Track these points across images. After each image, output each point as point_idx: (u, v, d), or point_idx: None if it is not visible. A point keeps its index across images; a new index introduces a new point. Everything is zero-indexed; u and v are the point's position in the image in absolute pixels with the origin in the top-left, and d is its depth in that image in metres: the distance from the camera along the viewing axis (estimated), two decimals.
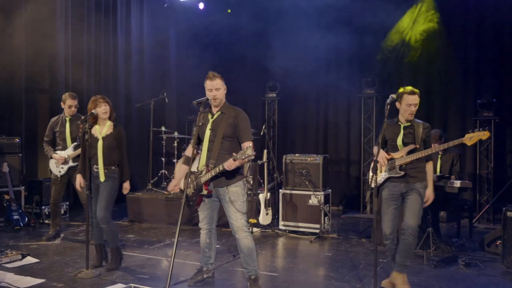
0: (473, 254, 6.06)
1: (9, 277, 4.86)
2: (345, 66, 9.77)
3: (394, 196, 4.81)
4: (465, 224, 7.32)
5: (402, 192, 4.80)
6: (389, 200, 4.83)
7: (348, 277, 5.19)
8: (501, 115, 8.30)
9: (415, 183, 4.75)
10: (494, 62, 8.58)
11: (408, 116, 4.81)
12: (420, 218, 4.71)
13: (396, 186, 4.81)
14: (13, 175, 7.71)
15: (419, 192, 4.73)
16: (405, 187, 4.77)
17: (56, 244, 6.53)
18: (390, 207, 4.81)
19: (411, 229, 4.62)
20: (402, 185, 4.79)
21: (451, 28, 8.90)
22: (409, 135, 4.83)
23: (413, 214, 4.67)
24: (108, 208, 5.20)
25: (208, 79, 4.58)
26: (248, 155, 4.17)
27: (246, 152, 4.17)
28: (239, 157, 4.22)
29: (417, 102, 4.79)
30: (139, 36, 10.51)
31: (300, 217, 7.27)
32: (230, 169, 4.33)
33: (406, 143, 4.83)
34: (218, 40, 10.69)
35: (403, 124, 4.87)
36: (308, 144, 10.24)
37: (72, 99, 6.72)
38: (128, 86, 10.21)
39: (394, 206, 4.80)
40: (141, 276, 5.13)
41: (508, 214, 5.48)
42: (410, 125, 4.85)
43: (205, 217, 4.79)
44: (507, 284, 5.07)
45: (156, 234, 7.32)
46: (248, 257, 4.62)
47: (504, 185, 7.97)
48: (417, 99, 4.78)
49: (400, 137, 4.86)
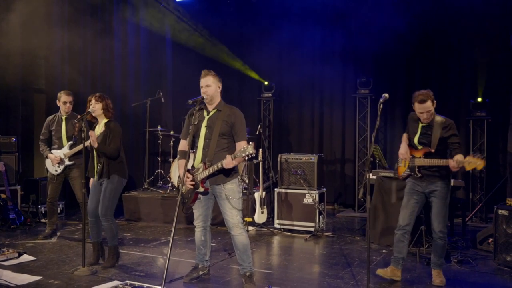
0: (465, 252, 6.15)
1: (5, 274, 4.90)
2: (340, 66, 9.83)
3: (415, 192, 4.95)
4: (458, 223, 7.39)
5: (425, 191, 4.91)
6: (410, 194, 4.98)
7: (342, 274, 5.26)
8: (494, 115, 8.40)
9: (436, 182, 4.84)
10: (487, 62, 8.65)
11: (425, 121, 4.86)
12: (446, 219, 4.90)
13: (418, 183, 4.94)
14: (10, 174, 7.75)
15: (442, 193, 4.84)
16: (427, 186, 4.89)
17: (53, 242, 6.58)
18: (410, 201, 4.97)
19: (439, 233, 4.85)
20: (424, 184, 4.90)
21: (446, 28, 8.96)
22: (426, 136, 4.87)
23: (439, 219, 4.86)
24: (109, 206, 5.24)
25: (201, 77, 4.69)
26: (249, 153, 4.24)
27: (247, 150, 4.25)
28: (239, 155, 4.29)
29: (429, 110, 4.75)
30: (135, 36, 10.54)
31: (295, 216, 7.33)
32: (228, 167, 4.39)
33: (422, 143, 4.89)
34: (214, 40, 10.73)
35: (422, 123, 4.91)
36: (303, 143, 10.30)
37: (67, 95, 6.77)
38: (124, 85, 10.25)
39: (414, 201, 4.95)
40: (137, 274, 5.18)
41: (499, 212, 5.57)
42: (429, 125, 4.86)
43: (200, 214, 4.84)
44: (499, 281, 5.16)
45: (152, 232, 7.37)
46: (243, 254, 4.68)
47: (497, 184, 8.04)
48: (428, 107, 4.73)
49: (417, 136, 4.94)
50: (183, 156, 4.76)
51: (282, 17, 10.07)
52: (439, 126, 4.81)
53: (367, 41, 9.42)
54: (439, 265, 4.99)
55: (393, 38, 9.11)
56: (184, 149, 4.78)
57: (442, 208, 4.85)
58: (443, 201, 4.85)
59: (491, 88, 8.57)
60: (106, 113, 5.38)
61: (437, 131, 4.79)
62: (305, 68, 9.98)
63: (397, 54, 9.34)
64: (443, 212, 4.85)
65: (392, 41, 9.14)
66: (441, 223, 4.86)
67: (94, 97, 5.32)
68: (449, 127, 4.81)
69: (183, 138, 4.86)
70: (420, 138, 4.92)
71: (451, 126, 4.82)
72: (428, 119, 4.85)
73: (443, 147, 4.81)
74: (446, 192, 4.87)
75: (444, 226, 4.87)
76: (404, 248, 5.00)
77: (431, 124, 4.85)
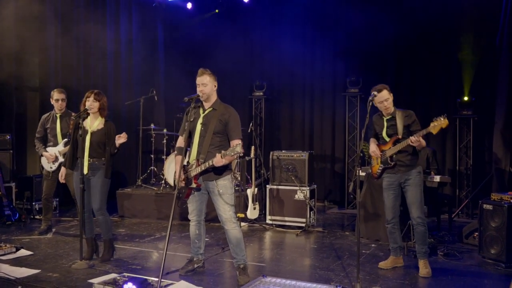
0: (451, 246, 6.33)
1: (4, 268, 5.00)
2: (330, 65, 10.01)
3: (392, 186, 5.25)
4: (445, 218, 7.58)
5: (400, 182, 5.21)
6: (388, 189, 5.29)
7: (332, 267, 5.43)
8: (480, 114, 8.61)
9: (410, 170, 5.15)
10: (474, 61, 8.84)
11: (384, 111, 5.21)
12: (422, 205, 5.16)
13: (392, 176, 5.24)
14: (4, 172, 7.82)
15: (415, 180, 5.14)
16: (402, 176, 5.19)
17: (49, 238, 6.68)
18: (389, 196, 5.28)
19: (418, 219, 5.13)
20: (398, 175, 5.21)
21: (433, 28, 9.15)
22: (392, 127, 5.20)
23: (415, 206, 5.14)
24: (102, 200, 5.36)
25: (197, 75, 4.82)
26: (237, 152, 4.40)
27: (235, 149, 4.40)
28: (228, 154, 4.44)
29: (387, 97, 5.13)
30: (128, 35, 10.63)
31: (287, 212, 7.48)
32: (218, 165, 4.54)
33: (390, 134, 5.22)
34: (206, 39, 10.86)
35: (385, 117, 5.25)
36: (294, 141, 10.46)
37: (59, 93, 6.86)
38: (117, 84, 10.33)
39: (393, 194, 5.26)
40: (133, 267, 5.31)
41: (484, 207, 5.74)
42: (392, 117, 5.19)
43: (194, 209, 4.99)
44: (483, 272, 5.34)
45: (146, 228, 7.49)
46: (236, 247, 4.83)
47: (483, 180, 8.25)
48: (385, 95, 5.11)
49: (384, 129, 5.26)
50: (179, 152, 4.89)
51: (274, 17, 10.23)
52: (401, 115, 5.16)
53: (357, 41, 9.61)
54: (424, 254, 5.19)
55: (381, 38, 9.32)
56: (181, 146, 4.92)
57: (416, 195, 5.14)
58: (417, 188, 5.14)
59: (478, 87, 8.77)
60: (102, 112, 5.48)
61: (401, 120, 5.14)
62: (295, 67, 10.16)
63: (386, 53, 9.52)
64: (419, 199, 5.14)
65: (381, 41, 9.35)
66: (418, 209, 5.13)
67: (93, 94, 5.41)
68: (410, 115, 5.18)
69: (181, 134, 5.01)
70: (387, 130, 5.26)
71: (412, 114, 5.19)
72: (388, 109, 5.19)
73: (409, 135, 5.07)
74: (419, 179, 5.17)
75: (421, 212, 5.14)
76: (397, 237, 5.38)
77: (394, 116, 5.19)
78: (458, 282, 4.97)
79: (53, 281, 4.73)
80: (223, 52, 10.45)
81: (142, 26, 10.88)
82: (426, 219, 5.25)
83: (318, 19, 10.03)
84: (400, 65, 9.52)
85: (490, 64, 8.57)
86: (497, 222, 5.55)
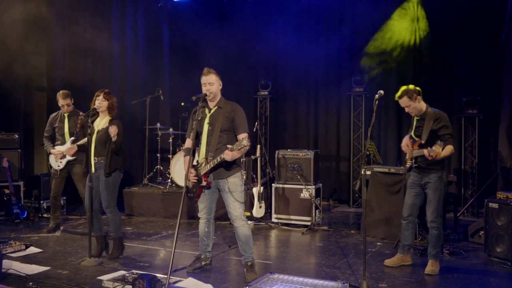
0: (457, 244, 6.36)
1: (15, 265, 5.06)
2: (335, 65, 10.04)
3: (414, 184, 5.30)
4: (450, 217, 7.61)
5: (421, 183, 5.24)
6: (410, 187, 5.35)
7: (338, 265, 5.47)
8: (485, 113, 8.62)
9: (430, 174, 5.15)
10: (479, 60, 8.87)
11: (411, 114, 5.28)
12: (439, 210, 5.15)
13: (416, 176, 5.29)
14: (12, 170, 7.88)
15: (434, 185, 5.14)
16: (423, 178, 5.22)
17: (57, 236, 6.75)
18: (410, 194, 5.34)
19: (431, 222, 5.16)
20: (420, 176, 5.24)
21: (437, 26, 9.16)
22: (419, 129, 5.23)
23: (430, 209, 5.16)
24: (111, 198, 5.42)
25: (203, 75, 4.89)
26: (244, 145, 4.45)
27: (241, 142, 4.46)
28: (235, 148, 4.50)
29: (407, 104, 5.18)
30: (134, 34, 10.70)
31: (292, 210, 7.52)
32: (228, 159, 4.58)
33: (417, 135, 5.25)
34: (211, 39, 10.90)
35: (416, 117, 5.30)
36: (299, 140, 10.50)
37: (63, 99, 6.86)
38: (123, 83, 10.40)
39: (413, 193, 5.31)
40: (141, 264, 5.37)
41: (490, 205, 5.77)
42: (422, 118, 5.21)
43: (204, 207, 5.04)
44: (489, 270, 5.37)
45: (153, 226, 7.55)
46: (245, 245, 4.88)
47: (488, 180, 8.26)
48: (405, 102, 5.18)
49: (413, 129, 5.33)
50: (187, 153, 4.96)
51: (279, 16, 10.26)
52: (431, 118, 5.14)
53: (361, 40, 9.63)
54: (433, 255, 5.22)
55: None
56: (189, 147, 4.98)
57: (433, 199, 5.14)
58: (435, 192, 5.14)
59: (483, 85, 8.78)
60: (111, 111, 5.54)
61: (428, 124, 5.12)
62: (300, 66, 10.18)
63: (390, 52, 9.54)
64: (435, 203, 5.13)
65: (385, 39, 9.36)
66: (432, 213, 5.14)
67: (102, 94, 5.47)
68: (440, 119, 5.13)
69: (188, 135, 5.08)
70: (415, 131, 5.29)
71: (442, 118, 5.14)
72: (413, 113, 5.24)
73: (435, 139, 5.05)
74: (438, 184, 5.14)
75: (436, 216, 5.14)
76: (409, 236, 5.40)
77: (424, 117, 5.18)
78: (463, 280, 5.00)
79: (63, 278, 4.79)
80: (228, 52, 10.49)
81: (148, 26, 10.93)
82: (441, 224, 5.24)
83: (324, 18, 10.06)
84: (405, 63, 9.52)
85: (495, 61, 8.57)
86: (503, 220, 5.57)
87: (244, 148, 4.49)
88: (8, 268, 4.88)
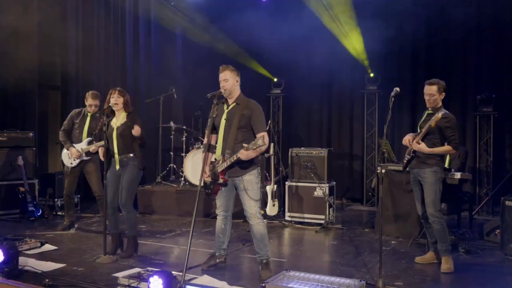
0: (472, 243, 6.30)
1: (31, 262, 5.09)
2: (348, 63, 9.99)
3: (414, 182, 5.32)
4: (465, 216, 7.53)
5: (417, 178, 5.24)
6: (413, 185, 5.38)
7: (353, 263, 5.45)
8: (500, 110, 8.54)
9: (424, 168, 5.14)
10: (493, 57, 8.78)
11: (427, 103, 5.24)
12: (437, 203, 5.11)
13: (412, 172, 5.32)
14: (27, 169, 7.93)
15: (428, 179, 5.12)
16: (418, 173, 5.22)
17: (71, 233, 6.78)
18: (416, 191, 5.37)
19: (431, 216, 5.11)
20: (415, 171, 5.25)
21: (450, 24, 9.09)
22: (424, 123, 5.20)
23: (428, 203, 5.14)
24: (129, 196, 5.43)
25: (219, 71, 4.88)
26: (259, 145, 4.42)
27: (257, 142, 4.43)
28: (251, 147, 4.47)
29: (432, 93, 5.17)
30: (147, 33, 10.73)
31: (306, 208, 7.51)
32: (243, 158, 4.57)
33: (421, 127, 5.23)
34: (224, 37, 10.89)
35: (427, 111, 5.28)
36: (312, 139, 10.48)
37: (93, 99, 6.90)
38: (137, 82, 10.44)
39: (418, 190, 5.31)
40: (156, 262, 5.38)
41: (506, 203, 5.72)
42: (432, 113, 5.17)
43: (221, 204, 5.05)
44: (505, 270, 5.32)
45: (167, 224, 7.57)
46: (260, 243, 4.88)
47: (503, 178, 8.19)
48: (431, 89, 5.17)
49: (421, 121, 5.32)
50: (205, 149, 4.95)
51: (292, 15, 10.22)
52: (439, 115, 5.08)
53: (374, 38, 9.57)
54: (444, 251, 5.15)
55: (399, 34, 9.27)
56: (206, 143, 4.98)
57: (429, 193, 5.12)
58: (430, 186, 5.12)
59: (498, 83, 8.70)
60: (126, 108, 5.56)
61: (434, 121, 5.04)
62: (313, 64, 10.14)
63: (404, 50, 9.49)
64: (432, 197, 5.10)
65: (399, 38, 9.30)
66: (431, 207, 5.10)
67: (117, 91, 5.50)
68: (448, 119, 5.09)
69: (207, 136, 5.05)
70: (421, 123, 5.28)
71: (449, 119, 5.11)
72: (430, 104, 5.21)
73: (437, 136, 5.08)
74: (433, 179, 5.12)
75: (435, 210, 5.09)
76: (432, 233, 5.32)
77: (434, 113, 5.13)
78: (480, 279, 4.96)
79: (78, 275, 4.81)
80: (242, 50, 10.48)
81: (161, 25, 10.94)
82: (442, 217, 5.16)
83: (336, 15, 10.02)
84: (418, 61, 9.48)
85: (510, 59, 8.49)
86: None
87: (259, 148, 4.45)
88: (24, 265, 4.91)
